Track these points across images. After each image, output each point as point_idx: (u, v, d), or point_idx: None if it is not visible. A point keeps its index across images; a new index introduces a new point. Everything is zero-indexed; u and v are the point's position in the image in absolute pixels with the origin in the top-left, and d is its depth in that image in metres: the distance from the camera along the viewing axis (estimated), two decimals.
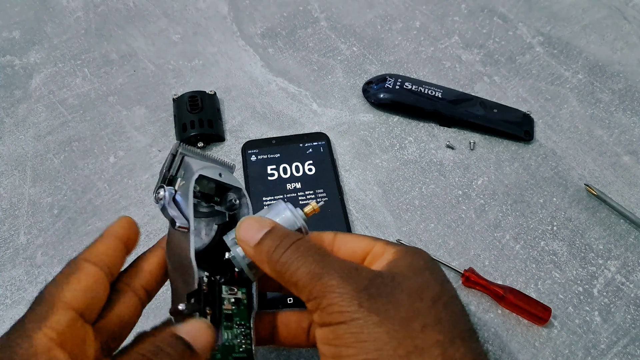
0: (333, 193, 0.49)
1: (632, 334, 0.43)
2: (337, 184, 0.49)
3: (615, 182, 0.52)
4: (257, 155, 0.51)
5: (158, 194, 0.31)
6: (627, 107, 0.58)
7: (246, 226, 0.30)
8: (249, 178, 0.50)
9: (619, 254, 0.47)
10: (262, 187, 0.49)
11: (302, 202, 0.48)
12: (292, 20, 0.65)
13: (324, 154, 0.52)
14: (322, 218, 0.45)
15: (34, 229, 0.47)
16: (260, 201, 0.48)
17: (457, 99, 0.55)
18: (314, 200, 0.34)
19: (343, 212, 0.47)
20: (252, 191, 0.48)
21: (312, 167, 0.50)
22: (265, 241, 0.29)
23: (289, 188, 0.49)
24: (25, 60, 0.60)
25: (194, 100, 0.53)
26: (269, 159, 0.51)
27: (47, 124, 0.54)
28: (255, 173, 0.50)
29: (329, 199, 0.48)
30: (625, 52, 0.63)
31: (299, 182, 0.49)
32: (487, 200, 0.50)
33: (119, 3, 0.66)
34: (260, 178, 0.49)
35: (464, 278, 0.44)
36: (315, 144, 0.52)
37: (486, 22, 0.65)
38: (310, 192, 0.48)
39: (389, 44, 0.63)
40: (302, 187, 0.49)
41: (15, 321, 0.26)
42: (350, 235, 0.33)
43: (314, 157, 0.51)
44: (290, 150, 0.52)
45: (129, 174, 0.51)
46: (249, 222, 0.30)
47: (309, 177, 0.50)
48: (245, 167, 0.50)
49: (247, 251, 0.30)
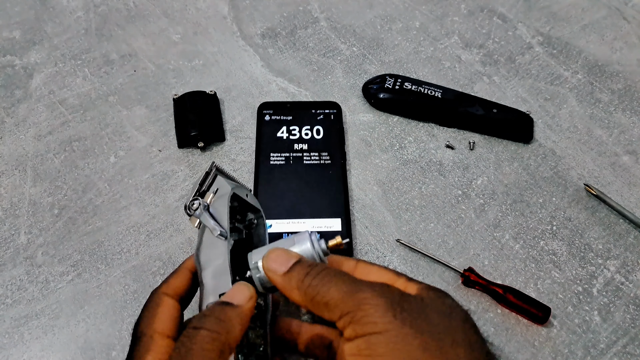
0: (337, 157, 0.52)
1: (631, 333, 0.43)
2: (341, 150, 0.52)
3: (615, 181, 0.52)
4: (271, 116, 0.54)
5: (192, 204, 0.35)
6: (627, 107, 0.58)
7: (274, 257, 0.32)
8: (260, 135, 0.53)
9: (618, 253, 0.47)
10: (271, 145, 0.52)
11: (306, 161, 0.51)
12: (292, 20, 0.65)
13: (334, 121, 0.54)
14: (322, 178, 0.50)
15: (34, 229, 0.48)
16: (268, 157, 0.51)
17: (457, 99, 0.55)
18: (339, 235, 0.36)
19: (343, 176, 0.50)
20: (262, 148, 0.52)
21: (320, 132, 0.53)
22: (294, 271, 0.31)
23: (295, 148, 0.52)
24: (26, 60, 0.60)
25: (194, 100, 0.53)
26: (282, 120, 0.54)
27: (48, 124, 0.55)
28: (267, 131, 0.53)
29: (332, 163, 0.51)
30: (624, 52, 0.63)
31: (306, 144, 0.52)
32: (487, 200, 0.50)
33: (119, 3, 0.66)
34: (270, 136, 0.53)
35: (463, 278, 0.44)
36: (327, 112, 0.55)
37: (486, 22, 0.65)
38: (315, 154, 0.52)
39: (388, 44, 0.63)
40: (307, 149, 0.52)
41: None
42: (373, 266, 0.34)
43: (323, 123, 0.54)
44: (303, 114, 0.55)
45: (130, 173, 0.51)
46: (278, 253, 0.32)
47: (316, 141, 0.53)
48: (258, 125, 0.54)
49: (275, 279, 0.31)
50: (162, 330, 0.31)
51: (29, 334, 0.42)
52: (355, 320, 0.28)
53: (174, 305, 0.33)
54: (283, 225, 0.47)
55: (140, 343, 0.31)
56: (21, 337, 0.42)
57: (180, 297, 0.34)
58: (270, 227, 0.47)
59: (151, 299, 0.33)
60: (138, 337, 0.31)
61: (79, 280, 0.45)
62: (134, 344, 0.31)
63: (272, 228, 0.47)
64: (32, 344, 0.42)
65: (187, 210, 0.35)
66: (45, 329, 0.42)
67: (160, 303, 0.33)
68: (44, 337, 0.42)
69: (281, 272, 0.31)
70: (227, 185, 0.35)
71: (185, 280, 0.35)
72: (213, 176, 0.36)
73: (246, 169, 0.52)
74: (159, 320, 0.32)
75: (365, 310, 0.27)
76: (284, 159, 0.51)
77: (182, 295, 0.34)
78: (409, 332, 0.27)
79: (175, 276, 0.35)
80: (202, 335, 0.28)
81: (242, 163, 0.52)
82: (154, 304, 0.33)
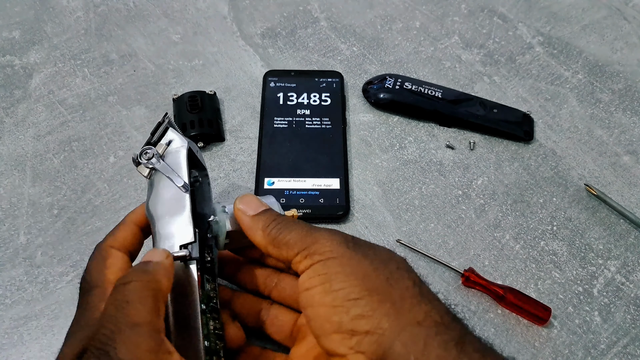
0: (337, 123, 0.54)
1: (632, 334, 0.43)
2: (342, 116, 0.55)
3: (615, 182, 0.52)
4: (276, 83, 0.57)
5: (145, 153, 0.35)
6: (627, 107, 0.58)
7: (247, 200, 0.35)
8: (265, 100, 0.56)
9: (618, 253, 0.47)
10: (275, 110, 0.55)
11: (307, 125, 0.54)
12: (292, 20, 0.65)
13: (336, 89, 0.57)
14: (323, 141, 0.53)
15: (33, 229, 0.47)
16: (271, 120, 0.54)
17: (457, 99, 0.55)
18: (295, 209, 0.38)
19: (343, 141, 0.53)
20: (267, 112, 0.55)
21: (323, 99, 0.56)
22: (263, 214, 0.34)
23: (298, 113, 0.55)
24: (25, 60, 0.60)
25: (194, 100, 0.53)
26: (286, 87, 0.57)
27: (47, 124, 0.54)
28: (271, 97, 0.56)
29: (333, 128, 0.54)
30: (625, 52, 0.63)
31: (308, 109, 0.55)
32: (487, 200, 0.50)
33: (119, 3, 0.66)
34: (274, 102, 0.56)
35: (463, 278, 0.44)
36: (329, 80, 0.57)
37: (486, 22, 0.65)
38: (317, 119, 0.54)
39: (389, 44, 0.63)
40: (310, 114, 0.55)
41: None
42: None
43: (326, 91, 0.56)
44: (306, 82, 0.57)
45: (129, 173, 0.51)
46: (251, 197, 0.35)
47: (318, 107, 0.55)
48: (263, 91, 0.57)
49: (243, 219, 0.34)
50: (113, 281, 0.31)
51: (28, 335, 0.42)
52: (311, 253, 0.31)
53: (123, 257, 0.33)
54: (284, 183, 0.50)
55: (93, 293, 0.31)
56: (20, 337, 0.42)
57: (129, 251, 0.34)
58: (273, 183, 0.50)
59: (97, 252, 0.33)
60: (88, 289, 0.31)
61: (79, 281, 0.45)
62: (85, 296, 0.31)
63: (274, 185, 0.50)
64: (31, 344, 0.42)
65: (139, 158, 0.35)
66: (45, 330, 0.42)
67: (108, 256, 0.33)
68: (43, 338, 0.42)
69: (250, 214, 0.34)
70: (182, 139, 0.36)
71: (132, 234, 0.35)
72: (164, 128, 0.36)
73: (246, 169, 0.52)
74: (110, 272, 0.32)
75: (321, 244, 0.31)
76: (287, 123, 0.54)
77: (129, 249, 0.34)
78: (360, 257, 0.30)
79: (121, 229, 0.35)
80: (134, 285, 0.28)
81: (242, 163, 0.52)
82: (100, 257, 0.33)
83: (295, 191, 0.49)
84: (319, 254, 0.30)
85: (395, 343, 0.27)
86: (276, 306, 0.38)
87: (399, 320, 0.28)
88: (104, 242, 0.34)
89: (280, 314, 0.37)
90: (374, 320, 0.28)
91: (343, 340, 0.28)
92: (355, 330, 0.28)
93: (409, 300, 0.29)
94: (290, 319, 0.37)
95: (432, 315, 0.28)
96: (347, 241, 0.31)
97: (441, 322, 0.28)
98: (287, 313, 0.37)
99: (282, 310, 0.37)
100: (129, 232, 0.35)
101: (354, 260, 0.30)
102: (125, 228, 0.35)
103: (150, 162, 0.35)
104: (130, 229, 0.35)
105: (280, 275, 0.38)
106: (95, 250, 0.33)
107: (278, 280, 0.38)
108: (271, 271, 0.39)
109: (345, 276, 0.29)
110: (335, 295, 0.29)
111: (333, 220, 0.48)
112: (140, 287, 0.28)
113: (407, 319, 0.28)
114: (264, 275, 0.38)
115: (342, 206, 0.48)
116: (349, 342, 0.28)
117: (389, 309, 0.28)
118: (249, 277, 0.39)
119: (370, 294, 0.29)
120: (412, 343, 0.27)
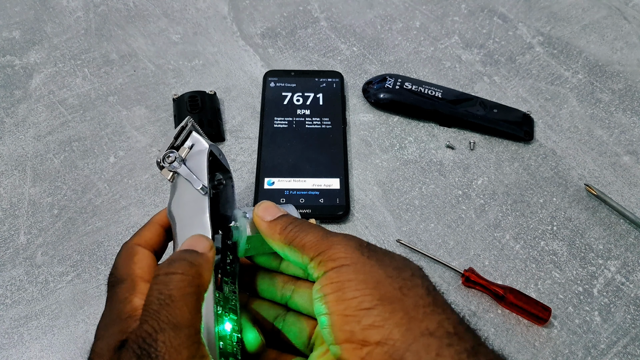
0: (337, 123, 0.54)
1: (632, 333, 0.43)
2: (342, 116, 0.55)
3: (615, 182, 0.52)
4: (276, 83, 0.57)
5: (168, 157, 0.35)
6: (627, 107, 0.58)
7: (265, 206, 0.35)
8: (265, 100, 0.56)
9: (619, 254, 0.47)
10: (275, 109, 0.55)
11: (307, 125, 0.54)
12: (292, 20, 0.65)
13: (336, 89, 0.57)
14: (323, 141, 0.53)
15: (34, 229, 0.47)
16: (271, 120, 0.54)
17: (457, 99, 0.55)
18: (313, 218, 0.38)
19: (343, 141, 0.53)
20: (267, 112, 0.55)
21: (323, 99, 0.56)
22: (280, 219, 0.34)
23: (298, 113, 0.55)
24: (25, 60, 0.60)
25: (194, 100, 0.53)
26: (286, 87, 0.57)
27: (47, 124, 0.54)
28: (271, 97, 0.56)
29: (333, 128, 0.54)
30: (625, 52, 0.63)
31: (309, 109, 0.55)
32: (487, 200, 0.50)
33: (119, 3, 0.66)
34: (275, 101, 0.56)
35: (464, 278, 0.44)
36: (329, 80, 0.57)
37: (486, 22, 0.65)
38: (317, 119, 0.54)
39: (389, 44, 0.63)
40: (310, 114, 0.55)
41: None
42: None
43: (326, 91, 0.57)
44: (306, 82, 0.57)
45: (129, 174, 0.51)
46: (269, 204, 0.35)
47: (318, 107, 0.55)
48: (263, 91, 0.57)
49: (261, 224, 0.34)
50: (142, 275, 0.31)
51: (28, 335, 0.42)
52: (326, 258, 0.30)
53: (150, 255, 0.33)
54: (284, 183, 0.50)
55: (122, 286, 0.30)
56: (21, 337, 0.42)
57: (154, 250, 0.34)
58: (273, 183, 0.50)
59: (124, 249, 0.33)
60: (116, 282, 0.31)
61: (79, 281, 0.45)
62: (114, 289, 0.30)
63: (274, 185, 0.50)
64: (31, 344, 0.42)
65: (163, 161, 0.35)
66: (45, 330, 0.42)
67: (136, 253, 0.32)
68: (43, 338, 0.42)
69: (268, 220, 0.34)
70: (204, 142, 0.36)
71: (157, 234, 0.35)
72: (188, 131, 0.36)
73: (246, 169, 0.52)
74: (138, 267, 0.31)
75: (336, 249, 0.31)
76: (287, 123, 0.54)
77: (155, 248, 0.34)
78: (374, 264, 0.30)
79: (147, 229, 0.35)
80: (179, 279, 0.27)
81: (242, 163, 0.52)
82: (127, 254, 0.32)
83: (295, 191, 0.49)
84: (333, 260, 0.30)
85: (406, 354, 0.27)
86: (293, 313, 0.37)
87: (410, 330, 0.28)
88: (131, 240, 0.34)
89: (297, 321, 0.37)
90: (385, 330, 0.28)
91: (354, 350, 0.28)
92: (366, 341, 0.28)
93: (421, 309, 0.29)
94: (307, 326, 0.37)
95: (444, 326, 0.28)
96: (362, 247, 0.31)
97: (454, 333, 0.28)
98: (304, 320, 0.37)
99: (300, 317, 0.37)
100: (154, 232, 0.35)
101: (368, 267, 0.30)
102: (151, 228, 0.35)
103: (172, 166, 0.35)
104: (155, 229, 0.35)
105: (298, 282, 0.38)
106: (122, 248, 0.33)
107: (295, 287, 0.38)
108: (288, 278, 0.38)
109: (358, 284, 0.29)
110: (348, 304, 0.29)
111: (333, 220, 0.48)
112: (185, 283, 0.27)
113: (420, 329, 0.28)
114: (282, 283, 0.38)
115: (342, 206, 0.48)
116: (360, 353, 0.28)
117: (401, 318, 0.28)
118: (266, 285, 0.38)
119: (382, 303, 0.29)
120: (424, 354, 0.27)
